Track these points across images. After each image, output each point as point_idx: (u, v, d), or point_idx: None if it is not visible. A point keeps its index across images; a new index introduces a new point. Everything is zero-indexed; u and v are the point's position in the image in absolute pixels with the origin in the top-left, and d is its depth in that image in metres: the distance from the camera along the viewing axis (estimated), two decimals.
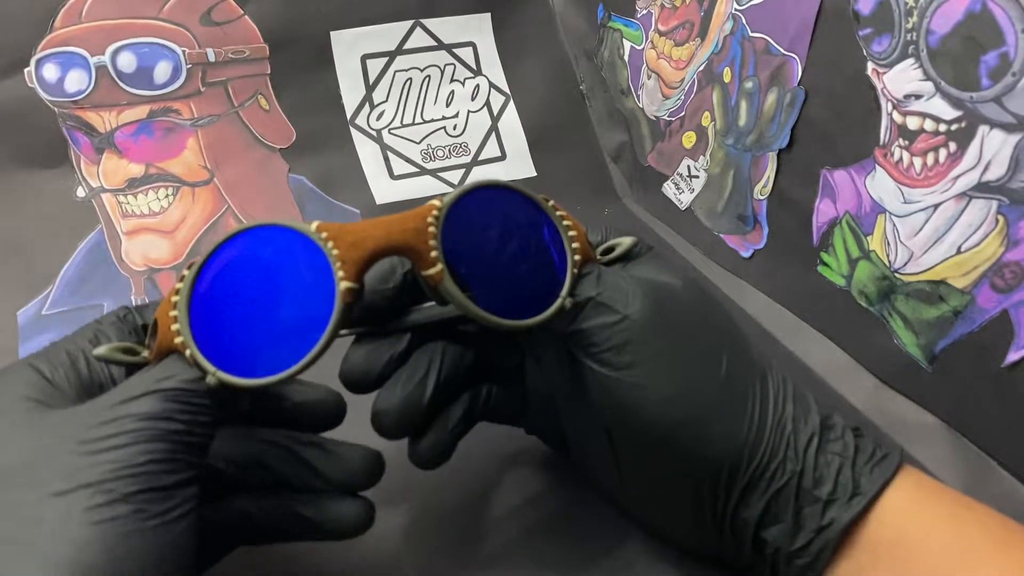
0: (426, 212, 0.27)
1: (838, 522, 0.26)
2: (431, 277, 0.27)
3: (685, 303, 0.29)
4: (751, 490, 0.27)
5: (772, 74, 0.44)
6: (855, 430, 0.28)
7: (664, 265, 0.31)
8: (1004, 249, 0.33)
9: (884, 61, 0.37)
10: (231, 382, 0.25)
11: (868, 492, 0.26)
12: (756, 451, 0.27)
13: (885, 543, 0.26)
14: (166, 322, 0.25)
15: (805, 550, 0.27)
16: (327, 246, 0.25)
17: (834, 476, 0.27)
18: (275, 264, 0.26)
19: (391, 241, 0.26)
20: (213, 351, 0.25)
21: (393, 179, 0.57)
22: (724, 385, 0.27)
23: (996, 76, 0.31)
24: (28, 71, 0.49)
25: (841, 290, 0.42)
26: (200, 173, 0.53)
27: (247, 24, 0.54)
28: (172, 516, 0.23)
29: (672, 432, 0.27)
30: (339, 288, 0.25)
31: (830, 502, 0.26)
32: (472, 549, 0.33)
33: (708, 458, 0.27)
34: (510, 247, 0.29)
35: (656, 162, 0.57)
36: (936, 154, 0.35)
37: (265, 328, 0.26)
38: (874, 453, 0.27)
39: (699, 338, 0.28)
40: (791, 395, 0.28)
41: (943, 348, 0.36)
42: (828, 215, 0.42)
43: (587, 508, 0.34)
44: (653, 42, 0.55)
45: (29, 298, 0.47)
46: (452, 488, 0.35)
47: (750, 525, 0.28)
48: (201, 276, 0.26)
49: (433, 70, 0.59)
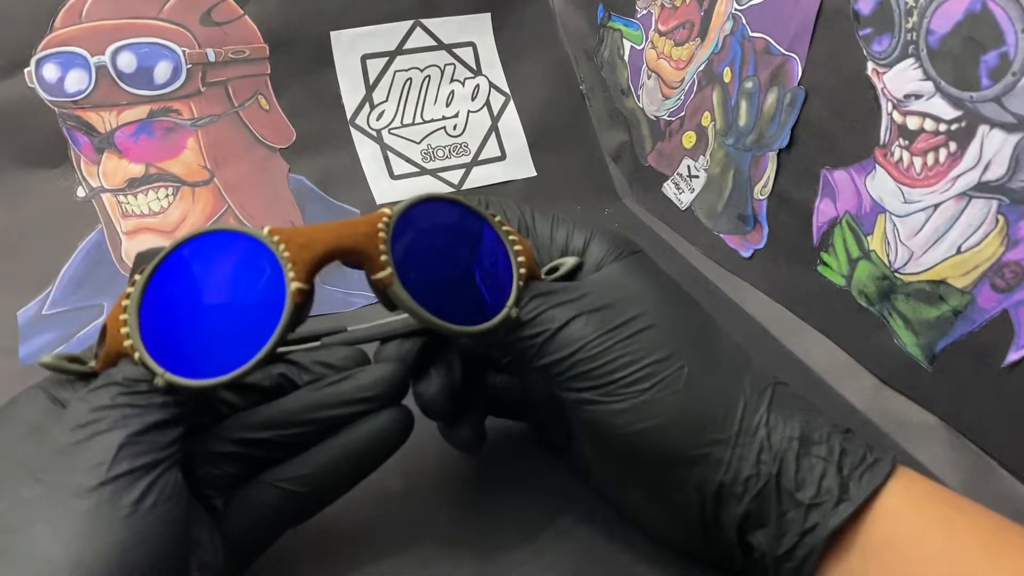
0: (377, 219, 0.27)
1: (823, 527, 0.26)
2: (380, 280, 0.27)
3: (651, 311, 0.28)
4: (727, 496, 0.27)
5: (772, 74, 0.44)
6: (845, 432, 0.28)
7: (641, 272, 0.30)
8: (1004, 249, 0.33)
9: (884, 61, 0.37)
10: (178, 383, 0.25)
11: (857, 499, 0.26)
12: (723, 457, 0.27)
13: (875, 546, 0.26)
14: (116, 327, 0.26)
15: (791, 555, 0.27)
16: (278, 248, 0.26)
17: (817, 480, 0.26)
18: (226, 268, 0.27)
19: (341, 244, 0.26)
20: (162, 354, 0.26)
21: (393, 179, 0.57)
22: (684, 395, 0.27)
23: (996, 76, 0.31)
24: (28, 71, 0.50)
25: (841, 290, 0.42)
26: (200, 173, 0.53)
27: (247, 24, 0.54)
28: (144, 507, 0.24)
29: (631, 441, 0.28)
30: (289, 289, 0.26)
31: (813, 506, 0.26)
32: (472, 549, 0.33)
33: (672, 466, 0.28)
34: (458, 257, 0.30)
35: (656, 162, 0.57)
36: (936, 154, 0.35)
37: (216, 330, 0.26)
38: (864, 458, 0.27)
39: (659, 349, 0.28)
40: (768, 400, 0.28)
41: (943, 348, 0.36)
42: (828, 215, 0.42)
43: (588, 508, 0.34)
44: (653, 42, 0.55)
45: (29, 298, 0.47)
46: (453, 488, 0.36)
47: (733, 529, 0.28)
48: (152, 281, 0.26)
49: (433, 70, 0.60)
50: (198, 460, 0.28)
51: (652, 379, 0.27)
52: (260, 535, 0.29)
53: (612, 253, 0.31)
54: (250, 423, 0.29)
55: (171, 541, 0.24)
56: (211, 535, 0.27)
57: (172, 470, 0.25)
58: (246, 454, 0.28)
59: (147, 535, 0.23)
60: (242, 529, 0.28)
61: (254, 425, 0.29)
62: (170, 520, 0.24)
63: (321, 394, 0.29)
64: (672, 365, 0.28)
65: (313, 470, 0.29)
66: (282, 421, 0.29)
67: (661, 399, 0.27)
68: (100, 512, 0.23)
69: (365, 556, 0.32)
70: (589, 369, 0.28)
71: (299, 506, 0.29)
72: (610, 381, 0.27)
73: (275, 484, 0.29)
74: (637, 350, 0.28)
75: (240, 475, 0.29)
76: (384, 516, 0.34)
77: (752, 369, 0.29)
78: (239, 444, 0.28)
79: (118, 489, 0.23)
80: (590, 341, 0.28)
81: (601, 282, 0.30)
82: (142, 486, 0.24)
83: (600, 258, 0.31)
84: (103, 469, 0.23)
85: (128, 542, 0.23)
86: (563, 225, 0.32)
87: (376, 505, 0.34)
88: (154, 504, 0.24)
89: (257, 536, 0.29)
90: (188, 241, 0.27)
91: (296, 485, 0.28)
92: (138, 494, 0.24)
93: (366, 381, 0.29)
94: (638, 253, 0.31)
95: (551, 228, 0.32)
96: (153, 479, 0.24)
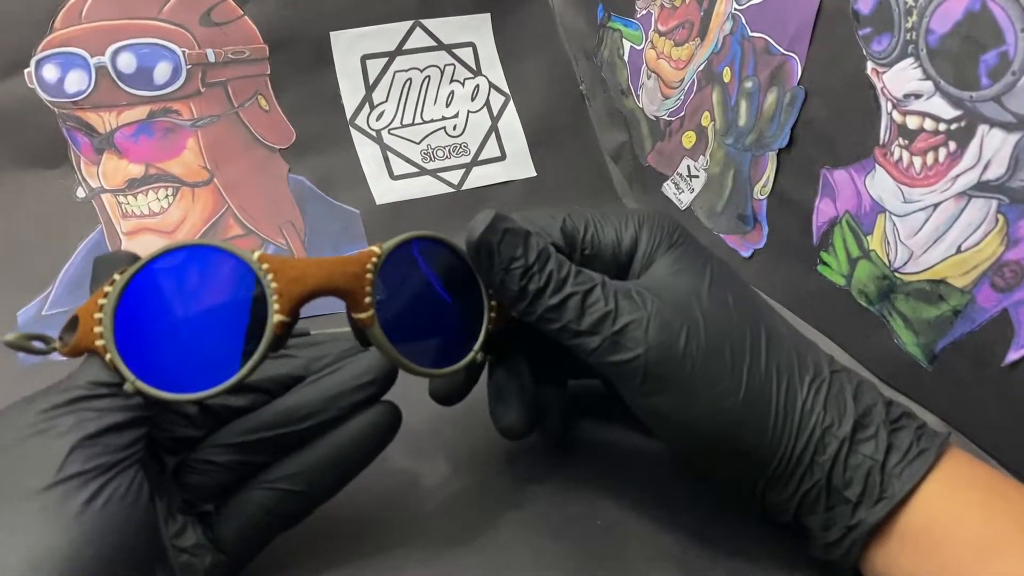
0: (366, 258, 0.28)
1: (865, 523, 0.27)
2: (361, 320, 0.28)
3: (701, 324, 0.29)
4: (780, 487, 0.29)
5: (772, 74, 0.44)
6: (896, 421, 0.28)
7: (691, 261, 0.31)
8: (1004, 248, 0.33)
9: (884, 60, 0.37)
10: (147, 392, 0.25)
11: (895, 497, 0.27)
12: (775, 456, 0.28)
13: (914, 531, 0.27)
14: (89, 322, 0.26)
15: (838, 544, 0.28)
16: (267, 278, 0.26)
17: (863, 478, 0.27)
18: (210, 286, 0.27)
19: (331, 283, 0.27)
20: (133, 359, 0.25)
21: (393, 179, 0.57)
22: (744, 401, 0.28)
23: (996, 75, 0.31)
24: (28, 72, 0.50)
25: (841, 290, 0.42)
26: (200, 173, 0.53)
27: (247, 24, 0.54)
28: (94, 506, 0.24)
29: (695, 444, 0.29)
30: (272, 320, 0.26)
31: (858, 503, 0.27)
32: (472, 549, 0.33)
33: (730, 460, 0.29)
34: (436, 298, 0.31)
35: (656, 162, 0.57)
36: (936, 153, 0.35)
37: (192, 346, 0.26)
38: (909, 450, 0.28)
39: (716, 358, 0.28)
40: (824, 397, 0.29)
41: (943, 347, 0.36)
42: (828, 215, 0.42)
43: (588, 508, 0.34)
44: (653, 42, 0.55)
45: (29, 298, 0.47)
46: (453, 487, 0.36)
47: (788, 513, 0.29)
48: (132, 284, 0.26)
49: (433, 70, 0.59)
50: (190, 469, 0.28)
51: (715, 384, 0.28)
52: (253, 538, 0.29)
53: (663, 244, 0.31)
54: (244, 427, 0.29)
55: (126, 541, 0.24)
56: (198, 543, 0.27)
57: (128, 471, 0.25)
58: (238, 460, 0.28)
59: (99, 534, 0.23)
60: (234, 532, 0.28)
61: (249, 429, 0.29)
62: (125, 520, 0.24)
63: (316, 386, 0.29)
64: (734, 374, 0.28)
65: (304, 468, 0.29)
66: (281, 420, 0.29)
67: (723, 403, 0.28)
68: (48, 512, 0.23)
69: (365, 556, 0.32)
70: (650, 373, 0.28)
71: (291, 506, 0.29)
72: (670, 386, 0.28)
73: (267, 485, 0.29)
74: (694, 353, 0.28)
75: (232, 482, 0.29)
76: (384, 516, 0.34)
77: (808, 363, 0.29)
78: (233, 450, 0.28)
79: (69, 490, 0.23)
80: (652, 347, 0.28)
81: (653, 285, 0.30)
82: (94, 487, 0.24)
83: (649, 251, 0.31)
84: (54, 471, 0.23)
85: (79, 540, 0.23)
86: (610, 222, 0.32)
87: (376, 505, 0.34)
88: (106, 504, 0.24)
89: (250, 539, 0.29)
90: (174, 251, 0.26)
91: (288, 484, 0.29)
92: (89, 494, 0.23)
93: (359, 369, 0.29)
94: (686, 240, 0.31)
95: (606, 227, 0.32)
96: (106, 480, 0.24)
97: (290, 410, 0.29)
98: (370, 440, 0.30)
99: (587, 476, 0.36)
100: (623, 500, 0.34)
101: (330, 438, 0.29)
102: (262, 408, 0.29)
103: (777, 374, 0.29)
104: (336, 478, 0.30)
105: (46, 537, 0.23)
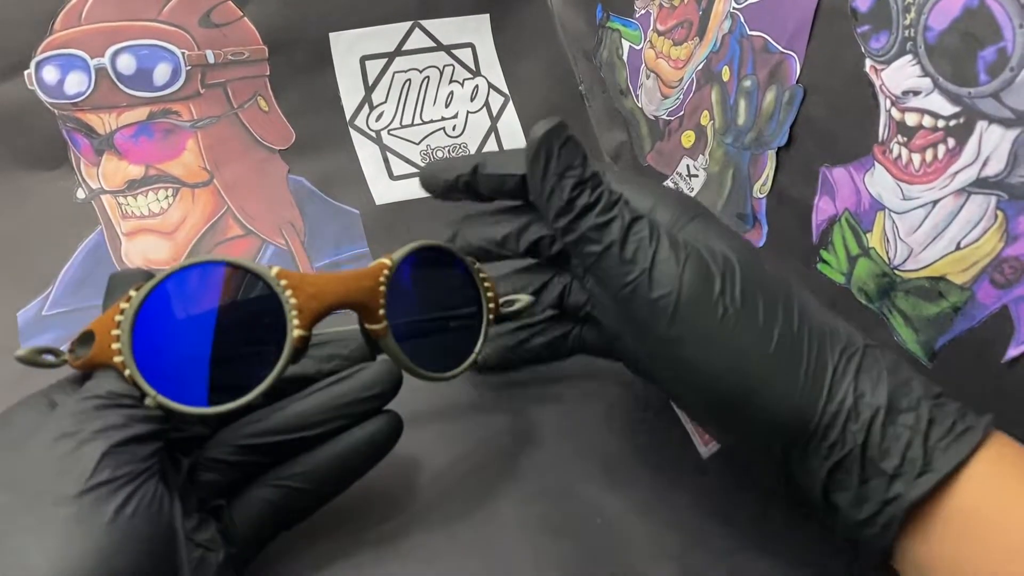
0: (378, 271, 0.29)
1: (904, 497, 0.26)
2: (375, 332, 0.29)
3: (737, 274, 0.28)
4: (810, 457, 0.27)
5: (770, 72, 0.44)
6: (937, 398, 0.28)
7: (719, 231, 0.31)
8: (1003, 244, 0.33)
9: (882, 58, 0.37)
10: (168, 406, 0.26)
11: (940, 470, 0.26)
12: (808, 422, 0.27)
13: (955, 515, 0.26)
14: (106, 338, 0.26)
15: (872, 521, 0.27)
16: (285, 294, 0.26)
17: (902, 450, 0.26)
18: (227, 301, 0.27)
19: (348, 298, 0.28)
20: (152, 373, 0.26)
21: (393, 180, 0.57)
22: (774, 356, 0.27)
23: (994, 71, 0.31)
24: (28, 73, 0.50)
25: (841, 288, 0.42)
26: (200, 174, 0.53)
27: (246, 26, 0.54)
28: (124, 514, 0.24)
29: (720, 400, 0.28)
30: (292, 335, 0.26)
31: (896, 476, 0.26)
32: (472, 548, 0.33)
33: (759, 425, 0.28)
34: (439, 304, 0.32)
35: (655, 162, 0.57)
36: (935, 150, 0.35)
37: (209, 360, 0.27)
38: (953, 426, 0.27)
39: (749, 311, 0.28)
40: (856, 366, 0.28)
41: (943, 344, 0.36)
42: (827, 213, 0.42)
43: (588, 507, 0.34)
44: (652, 42, 0.55)
45: (29, 298, 0.47)
46: (453, 487, 0.36)
47: (816, 487, 0.28)
48: (150, 299, 0.26)
49: (432, 71, 0.60)
50: (203, 467, 0.29)
51: (744, 336, 0.27)
52: (261, 532, 0.30)
53: (684, 216, 0.31)
54: (256, 430, 0.29)
55: (153, 549, 0.24)
56: (213, 538, 0.28)
57: (151, 481, 0.25)
58: (250, 460, 0.29)
59: (129, 542, 0.24)
60: (244, 527, 0.29)
61: (260, 431, 0.29)
62: (151, 528, 0.24)
63: (327, 393, 0.30)
64: (763, 324, 0.28)
65: (312, 469, 0.29)
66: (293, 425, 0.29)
67: (750, 356, 0.27)
68: (81, 519, 0.23)
69: (365, 556, 0.32)
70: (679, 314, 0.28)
71: (298, 503, 0.30)
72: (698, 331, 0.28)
73: (275, 483, 0.29)
74: (728, 301, 0.28)
75: (241, 479, 0.29)
76: (384, 516, 0.34)
77: (840, 334, 0.29)
78: (244, 450, 0.29)
79: (100, 497, 0.23)
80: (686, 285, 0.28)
81: (690, 238, 0.30)
82: (123, 495, 0.24)
83: (670, 223, 0.31)
84: (84, 478, 0.23)
85: (109, 549, 0.23)
86: (627, 186, 0.32)
87: (376, 505, 0.34)
88: (134, 512, 0.24)
89: (258, 533, 0.29)
90: (192, 267, 0.27)
91: (296, 482, 0.29)
92: (120, 502, 0.24)
93: (369, 379, 0.30)
94: (706, 214, 0.31)
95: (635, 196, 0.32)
96: (134, 488, 0.24)
97: (300, 416, 0.29)
98: (374, 447, 0.30)
99: (587, 476, 0.36)
100: (623, 500, 0.34)
101: (337, 442, 0.30)
102: (273, 410, 0.30)
103: (808, 338, 0.28)
104: (342, 479, 0.30)
105: (78, 543, 0.23)
